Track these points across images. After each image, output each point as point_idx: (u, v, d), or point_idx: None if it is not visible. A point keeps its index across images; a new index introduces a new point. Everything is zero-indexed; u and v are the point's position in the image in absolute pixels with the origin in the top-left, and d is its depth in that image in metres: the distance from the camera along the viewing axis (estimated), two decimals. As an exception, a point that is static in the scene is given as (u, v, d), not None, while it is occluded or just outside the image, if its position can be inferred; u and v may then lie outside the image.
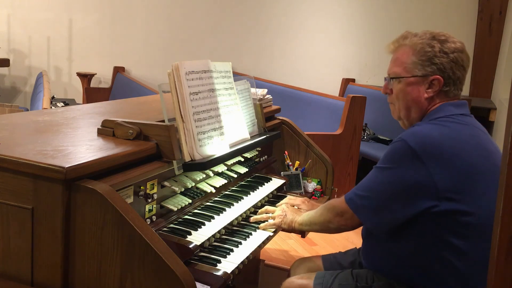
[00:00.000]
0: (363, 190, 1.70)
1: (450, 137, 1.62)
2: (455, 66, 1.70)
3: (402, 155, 1.62)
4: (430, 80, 1.71)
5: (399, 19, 6.43)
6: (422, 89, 1.72)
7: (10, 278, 1.45)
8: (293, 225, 1.98)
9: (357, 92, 5.26)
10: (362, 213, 1.70)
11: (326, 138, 4.03)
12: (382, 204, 1.65)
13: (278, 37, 6.71)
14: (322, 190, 2.64)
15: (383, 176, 1.66)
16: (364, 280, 1.79)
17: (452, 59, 1.69)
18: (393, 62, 1.79)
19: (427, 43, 1.70)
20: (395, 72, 1.77)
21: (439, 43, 1.70)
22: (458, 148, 1.60)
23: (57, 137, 1.67)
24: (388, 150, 1.69)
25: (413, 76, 1.72)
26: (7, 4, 6.39)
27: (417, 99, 1.74)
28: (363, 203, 1.69)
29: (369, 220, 1.70)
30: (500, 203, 0.92)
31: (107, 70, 6.61)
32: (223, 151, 1.93)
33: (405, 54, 1.75)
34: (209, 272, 1.58)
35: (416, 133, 1.64)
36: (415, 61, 1.72)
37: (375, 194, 1.66)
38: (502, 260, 0.93)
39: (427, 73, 1.70)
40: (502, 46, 6.01)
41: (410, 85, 1.74)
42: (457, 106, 1.72)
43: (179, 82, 1.78)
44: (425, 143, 1.59)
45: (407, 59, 1.73)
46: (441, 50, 1.69)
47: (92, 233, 1.37)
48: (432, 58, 1.69)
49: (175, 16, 6.62)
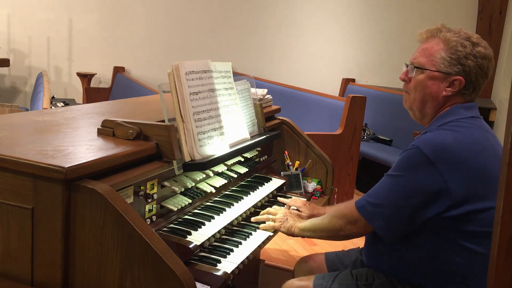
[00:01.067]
0: (375, 198, 1.68)
1: (463, 142, 1.60)
2: (480, 72, 1.68)
3: (416, 162, 1.60)
4: (452, 80, 1.68)
5: (399, 19, 6.43)
6: (442, 86, 1.70)
7: (10, 278, 1.45)
8: (292, 229, 1.94)
9: (357, 92, 5.27)
10: (376, 221, 1.67)
11: (326, 138, 4.03)
12: (396, 212, 1.63)
13: (278, 37, 6.71)
14: (322, 190, 2.64)
15: (397, 184, 1.64)
16: (364, 279, 1.79)
17: (479, 64, 1.67)
18: (421, 51, 1.75)
19: (461, 42, 1.67)
20: (420, 62, 1.73)
21: (472, 45, 1.67)
22: (472, 152, 1.59)
23: (57, 137, 1.67)
24: (401, 157, 1.66)
25: (438, 71, 1.69)
26: (7, 4, 6.39)
27: (435, 95, 1.71)
28: (376, 210, 1.66)
29: (383, 228, 1.67)
30: (500, 203, 0.92)
31: (107, 70, 6.61)
32: (223, 151, 1.93)
33: (435, 47, 1.71)
34: (209, 272, 1.58)
35: (430, 140, 1.61)
36: (444, 56, 1.68)
37: (389, 202, 1.64)
38: (502, 260, 0.92)
39: (452, 71, 1.68)
40: (502, 46, 6.01)
41: (432, 79, 1.71)
42: (468, 108, 1.71)
43: (179, 82, 1.78)
44: (439, 150, 1.57)
45: (437, 53, 1.70)
46: (471, 52, 1.66)
47: (92, 233, 1.37)
48: (462, 59, 1.67)
49: (175, 16, 6.62)
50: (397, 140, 5.17)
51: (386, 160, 4.67)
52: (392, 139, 5.21)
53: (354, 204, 1.73)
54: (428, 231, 1.63)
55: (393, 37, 6.38)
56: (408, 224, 1.63)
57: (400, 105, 1.99)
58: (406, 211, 1.62)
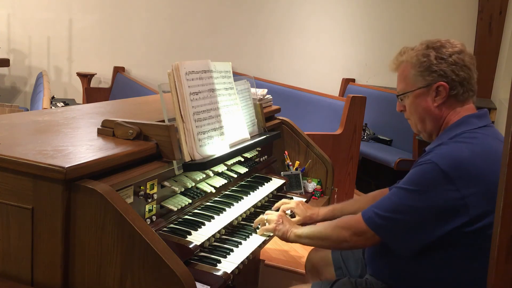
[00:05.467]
0: (385, 211, 1.63)
1: (480, 154, 1.58)
2: (457, 68, 1.67)
3: (433, 178, 1.56)
4: (435, 88, 1.69)
5: (399, 19, 6.43)
6: (429, 98, 1.71)
7: (10, 278, 1.45)
8: (288, 234, 1.89)
9: (357, 92, 5.26)
10: (385, 233, 1.64)
11: (326, 138, 4.03)
12: (409, 226, 1.60)
13: (278, 37, 6.71)
14: (322, 190, 2.64)
15: (411, 198, 1.59)
16: (364, 285, 1.80)
17: (451, 63, 1.67)
18: (398, 80, 1.80)
19: (422, 54, 1.70)
20: (401, 88, 1.78)
21: (434, 51, 1.69)
22: (488, 164, 1.56)
23: (57, 137, 1.67)
24: (416, 171, 1.62)
25: (418, 88, 1.72)
26: (7, 4, 6.39)
27: (427, 109, 1.72)
28: (385, 223, 1.63)
29: (392, 241, 1.65)
30: (500, 203, 0.92)
31: (107, 70, 6.61)
32: (223, 151, 1.93)
33: (405, 70, 1.75)
34: (209, 272, 1.58)
35: (447, 155, 1.58)
36: (414, 73, 1.72)
37: (401, 216, 1.60)
38: (502, 260, 0.93)
39: (429, 82, 1.69)
40: (502, 46, 6.01)
41: (417, 97, 1.73)
42: (479, 117, 1.69)
43: (179, 82, 1.78)
44: (457, 165, 1.55)
45: (408, 74, 1.74)
46: (437, 57, 1.68)
47: (92, 233, 1.37)
48: (430, 67, 1.69)
49: (175, 16, 6.62)
50: (397, 140, 5.17)
51: (386, 160, 4.67)
52: (392, 139, 5.21)
53: (361, 215, 1.69)
54: (440, 245, 1.60)
55: (394, 37, 6.38)
56: (420, 240, 1.60)
57: (400, 105, 1.99)
58: (420, 226, 1.58)
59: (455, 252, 1.59)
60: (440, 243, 1.59)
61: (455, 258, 1.60)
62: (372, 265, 1.83)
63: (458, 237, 1.56)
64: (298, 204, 2.14)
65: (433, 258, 1.62)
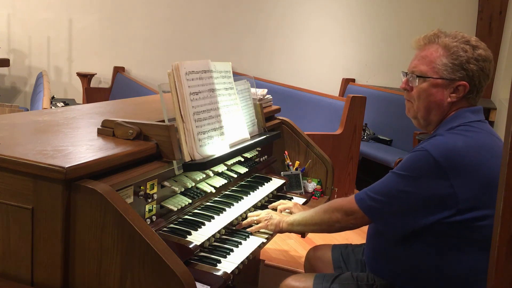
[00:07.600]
0: (376, 193, 1.66)
1: (473, 146, 1.58)
2: (482, 75, 1.65)
3: (424, 166, 1.57)
4: (457, 85, 1.65)
5: (399, 19, 6.43)
6: (446, 92, 1.66)
7: (10, 278, 1.45)
8: (280, 225, 1.93)
9: (357, 92, 5.27)
10: (374, 214, 1.67)
11: (326, 138, 4.04)
12: (397, 210, 1.62)
13: (278, 37, 6.71)
14: (322, 190, 2.64)
15: (402, 183, 1.61)
16: (365, 280, 1.80)
17: (481, 67, 1.64)
18: (420, 59, 1.70)
19: (461, 47, 1.64)
20: (422, 70, 1.69)
21: (472, 49, 1.64)
22: (481, 158, 1.57)
23: (57, 137, 1.67)
24: (410, 158, 1.63)
25: (441, 78, 1.66)
26: (7, 4, 6.39)
27: (439, 102, 1.68)
28: (375, 205, 1.66)
29: (381, 221, 1.68)
30: (500, 203, 0.92)
31: (107, 70, 6.61)
32: (223, 151, 1.93)
33: (435, 53, 1.67)
34: (209, 272, 1.58)
35: (440, 144, 1.58)
36: (446, 63, 1.65)
37: (391, 200, 1.63)
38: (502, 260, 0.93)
39: (455, 77, 1.65)
40: (502, 46, 6.01)
41: (435, 86, 1.67)
42: (474, 112, 1.68)
43: (179, 82, 1.78)
44: (449, 155, 1.55)
45: (438, 59, 1.66)
46: (473, 56, 1.64)
47: (92, 233, 1.37)
48: (464, 63, 1.63)
49: (175, 16, 6.62)
50: (397, 140, 5.17)
51: (386, 160, 4.67)
52: (392, 139, 5.21)
53: (354, 197, 1.72)
54: (430, 236, 1.61)
55: (393, 37, 6.38)
56: (407, 224, 1.62)
57: (400, 105, 1.98)
58: (408, 211, 1.61)
59: (447, 242, 1.60)
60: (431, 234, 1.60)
61: (447, 249, 1.61)
62: (372, 265, 1.83)
63: (447, 227, 1.57)
64: (296, 205, 2.16)
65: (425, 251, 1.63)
